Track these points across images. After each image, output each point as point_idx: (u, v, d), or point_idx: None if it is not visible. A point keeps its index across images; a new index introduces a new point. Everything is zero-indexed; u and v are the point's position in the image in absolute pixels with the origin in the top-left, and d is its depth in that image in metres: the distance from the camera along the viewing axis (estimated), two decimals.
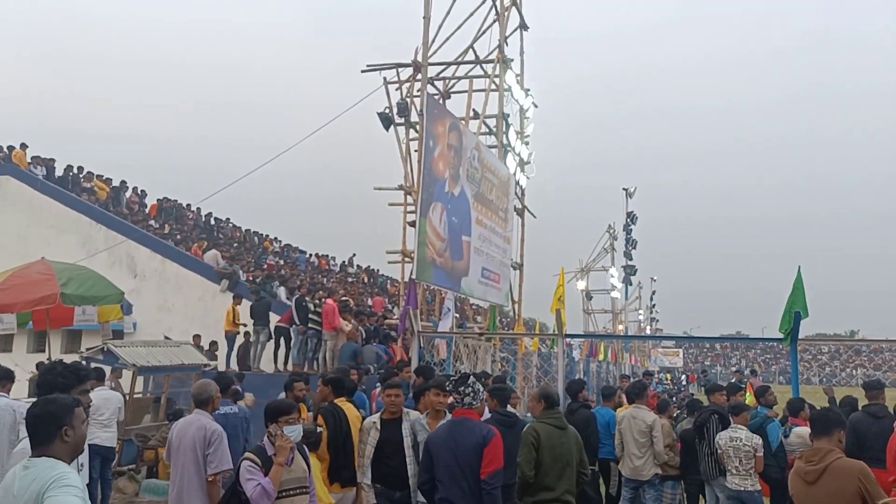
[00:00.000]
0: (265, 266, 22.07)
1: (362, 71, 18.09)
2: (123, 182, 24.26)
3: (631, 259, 37.08)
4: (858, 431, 7.01)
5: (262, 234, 29.39)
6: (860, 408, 7.59)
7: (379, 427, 5.71)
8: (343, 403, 6.10)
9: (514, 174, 19.49)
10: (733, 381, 16.23)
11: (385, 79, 17.76)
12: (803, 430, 7.15)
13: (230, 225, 27.95)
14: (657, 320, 60.15)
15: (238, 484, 4.54)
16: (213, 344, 15.26)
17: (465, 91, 19.27)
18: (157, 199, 24.89)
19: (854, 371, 65.64)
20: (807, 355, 73.20)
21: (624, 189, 36.95)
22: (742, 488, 7.01)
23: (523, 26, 20.82)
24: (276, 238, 30.21)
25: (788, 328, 8.35)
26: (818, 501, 4.19)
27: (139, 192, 24.68)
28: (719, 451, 7.17)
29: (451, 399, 5.38)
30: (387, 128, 17.39)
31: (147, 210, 24.02)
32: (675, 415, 9.24)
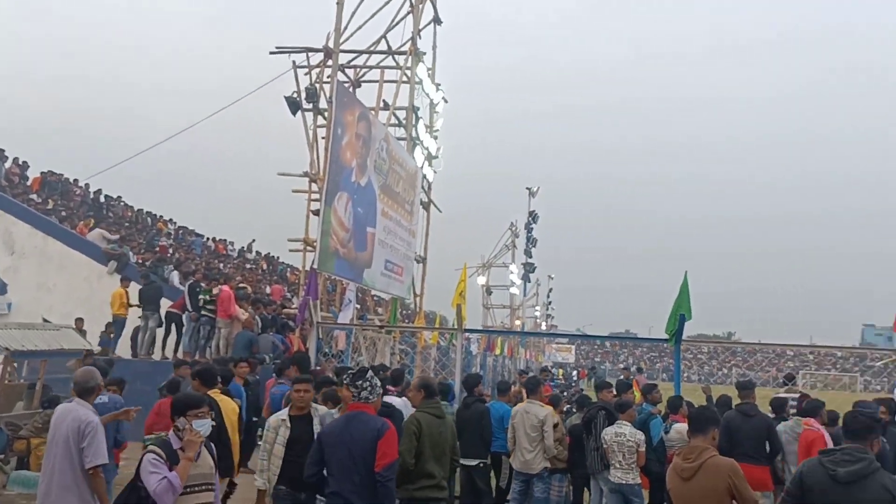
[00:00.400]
0: (157, 248, 21.14)
1: (271, 53, 17.60)
2: (2, 151, 22.60)
3: (531, 257, 37.96)
4: (731, 429, 7.46)
5: (155, 215, 28.12)
6: (734, 406, 8.09)
7: (289, 424, 5.57)
8: (216, 395, 6.00)
9: (422, 167, 19.54)
10: (621, 377, 16.95)
11: (294, 62, 17.35)
12: (682, 427, 7.53)
13: (121, 203, 26.54)
14: (553, 317, 61.96)
15: (137, 479, 4.34)
16: (79, 320, 14.07)
17: (376, 81, 19.13)
18: (41, 172, 23.30)
19: (730, 370, 69.92)
20: (688, 354, 77.27)
21: (527, 188, 37.73)
22: (624, 481, 7.34)
23: (437, 20, 20.86)
24: (170, 219, 28.96)
25: (674, 329, 8.80)
26: (692, 497, 4.44)
27: (20, 164, 23.02)
28: (605, 446, 7.46)
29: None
30: (294, 113, 17.00)
31: (29, 183, 22.46)
32: (564, 409, 9.54)
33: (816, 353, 76.02)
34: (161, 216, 28.43)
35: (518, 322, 42.78)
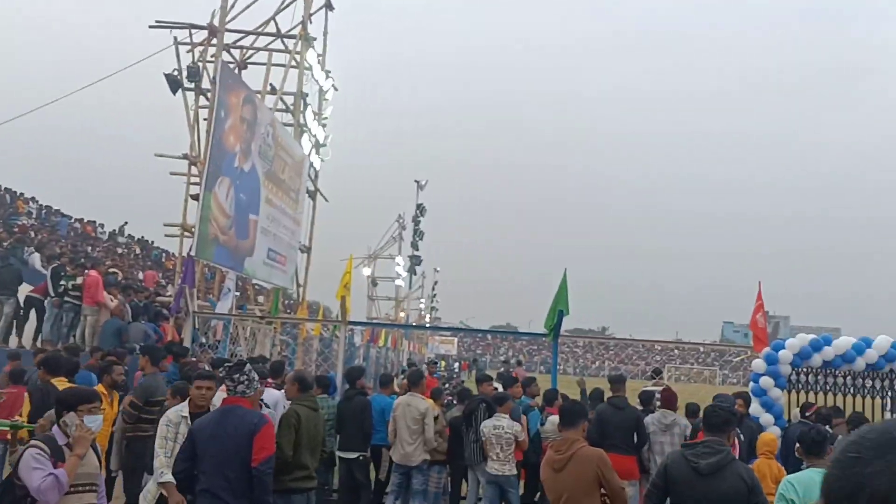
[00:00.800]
0: (16, 228, 19.58)
1: (150, 27, 16.66)
2: None
3: (417, 249, 38.18)
4: (603, 421, 7.83)
5: (15, 192, 26.04)
6: (606, 399, 8.47)
7: (190, 421, 5.36)
8: (60, 383, 5.82)
9: (309, 155, 19.15)
10: (502, 370, 17.36)
11: (176, 38, 16.51)
12: (557, 419, 7.82)
13: None
14: (437, 309, 62.61)
15: (15, 476, 3.98)
16: None
17: (264, 64, 18.55)
18: None
19: (603, 363, 73.33)
20: (564, 348, 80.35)
21: (415, 181, 37.90)
22: (500, 473, 7.51)
23: (329, 6, 20.46)
24: (32, 198, 26.93)
25: (552, 324, 9.09)
26: (564, 487, 4.61)
27: None
28: (483, 439, 7.61)
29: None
30: (174, 91, 16.18)
31: None
32: (445, 402, 9.64)
33: (681, 349, 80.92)
34: (21, 194, 26.38)
35: (403, 314, 42.91)
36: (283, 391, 7.33)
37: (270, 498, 4.72)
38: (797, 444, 4.99)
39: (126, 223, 31.81)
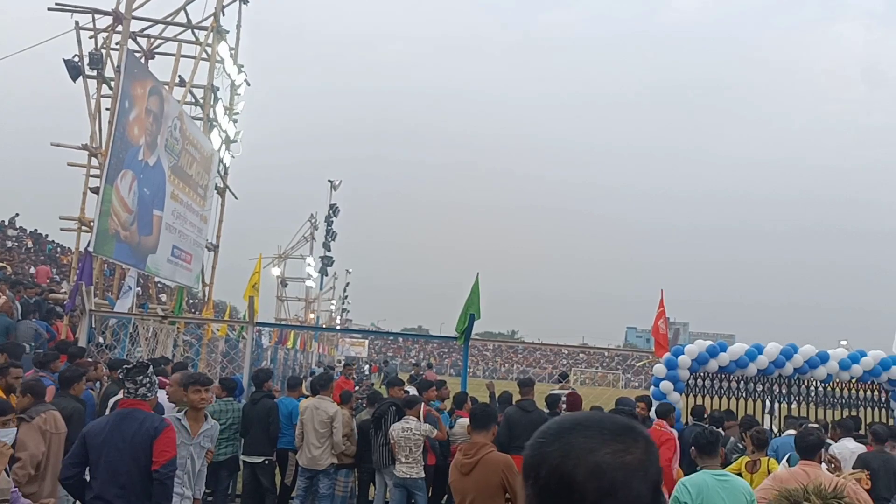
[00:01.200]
0: None
1: (49, 9, 15.74)
2: None
3: (329, 250, 37.67)
4: (511, 424, 7.95)
5: None
6: (514, 402, 8.60)
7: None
8: None
9: (219, 151, 18.58)
10: (412, 373, 17.36)
11: (77, 23, 15.66)
12: (466, 422, 7.87)
13: None
14: (348, 311, 62.03)
15: None
16: None
17: (172, 55, 17.83)
18: None
19: (511, 367, 74.54)
20: (474, 351, 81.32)
21: (329, 181, 37.37)
22: (408, 476, 7.50)
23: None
24: None
25: (464, 328, 9.15)
26: (470, 490, 4.64)
27: None
28: (392, 441, 7.58)
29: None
30: (74, 78, 15.33)
31: None
32: (354, 406, 9.56)
33: (587, 353, 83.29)
34: None
35: (313, 316, 42.23)
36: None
37: (170, 502, 4.54)
38: (692, 447, 5.16)
39: (17, 215, 29.96)
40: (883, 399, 10.64)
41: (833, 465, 6.35)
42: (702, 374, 10.16)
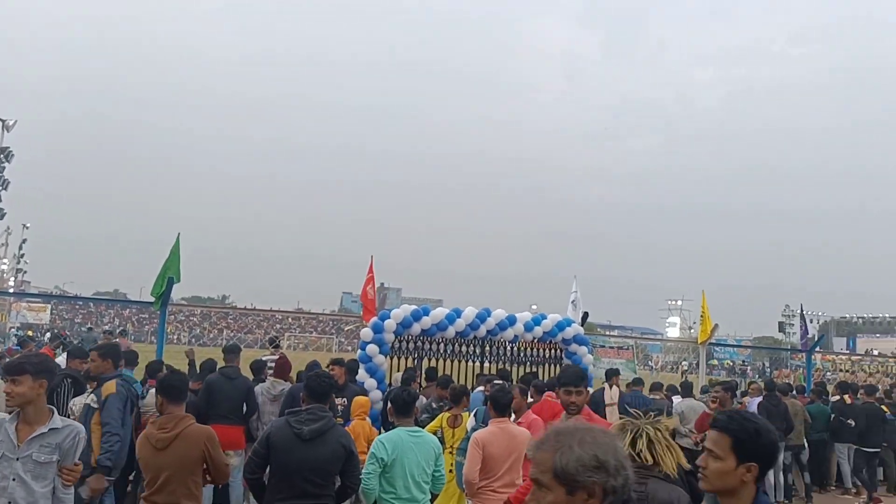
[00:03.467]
0: None
1: None
2: None
3: (0, 201, 32.42)
4: (213, 391, 7.56)
5: None
6: (218, 369, 8.13)
7: None
8: None
9: None
10: (103, 340, 15.63)
11: None
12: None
13: None
14: (25, 271, 54.42)
15: None
16: None
17: None
18: None
19: (221, 332, 71.75)
20: (180, 316, 76.77)
21: (1, 120, 31.99)
22: None
23: None
24: None
25: (160, 292, 8.39)
26: (166, 466, 4.27)
27: None
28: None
29: None
30: None
31: None
32: None
33: (301, 318, 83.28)
34: None
35: None
36: None
37: None
38: (389, 405, 5.38)
39: None
40: (560, 356, 12.04)
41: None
42: (406, 337, 10.58)
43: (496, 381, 8.48)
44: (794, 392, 12.15)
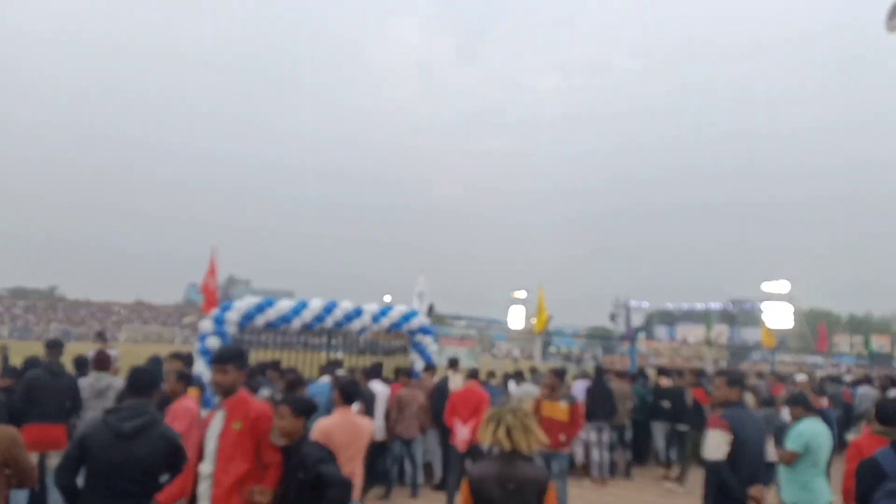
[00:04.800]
0: None
1: None
2: None
3: None
4: (34, 388, 7.09)
5: None
6: (41, 365, 7.59)
7: None
8: None
9: None
10: None
11: None
12: None
13: None
14: None
15: None
16: None
17: None
18: None
19: (48, 325, 66.25)
20: (1, 307, 70.46)
21: None
22: None
23: None
24: None
25: None
26: None
27: None
28: None
29: None
30: None
31: None
32: None
33: (142, 309, 78.72)
34: None
35: None
36: None
37: None
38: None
39: None
40: (405, 346, 12.28)
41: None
42: (250, 330, 10.38)
43: (340, 371, 8.56)
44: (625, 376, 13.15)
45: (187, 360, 7.51)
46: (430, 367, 11.11)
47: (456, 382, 10.31)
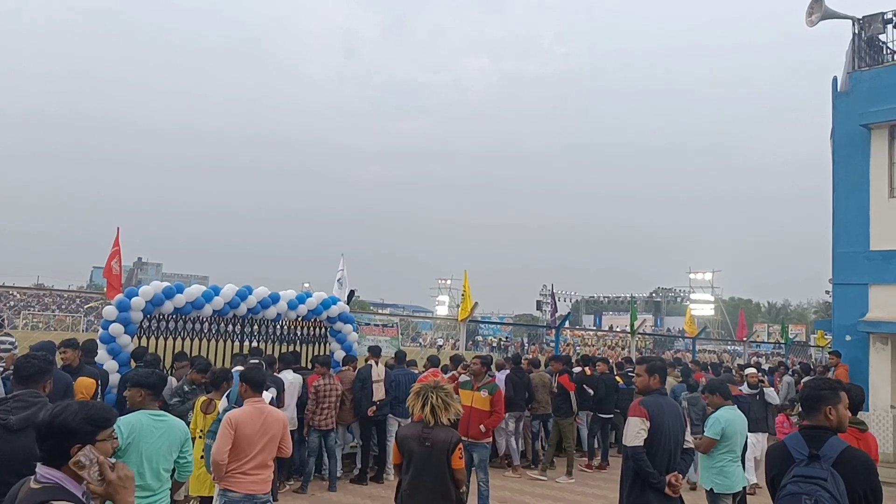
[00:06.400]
0: None
1: None
2: None
3: None
4: None
5: None
6: None
7: None
8: None
9: None
10: None
11: None
12: None
13: None
14: None
15: None
16: None
17: None
18: None
19: None
20: None
21: None
22: None
23: None
24: None
25: None
26: None
27: None
28: None
29: None
30: None
31: None
32: None
33: (42, 294, 74.64)
34: None
35: None
36: None
37: None
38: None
39: None
40: (324, 334, 11.87)
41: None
42: (157, 316, 9.77)
43: (252, 360, 8.13)
44: (545, 366, 13.18)
45: (88, 346, 6.97)
46: (350, 360, 10.80)
47: (379, 372, 10.03)
